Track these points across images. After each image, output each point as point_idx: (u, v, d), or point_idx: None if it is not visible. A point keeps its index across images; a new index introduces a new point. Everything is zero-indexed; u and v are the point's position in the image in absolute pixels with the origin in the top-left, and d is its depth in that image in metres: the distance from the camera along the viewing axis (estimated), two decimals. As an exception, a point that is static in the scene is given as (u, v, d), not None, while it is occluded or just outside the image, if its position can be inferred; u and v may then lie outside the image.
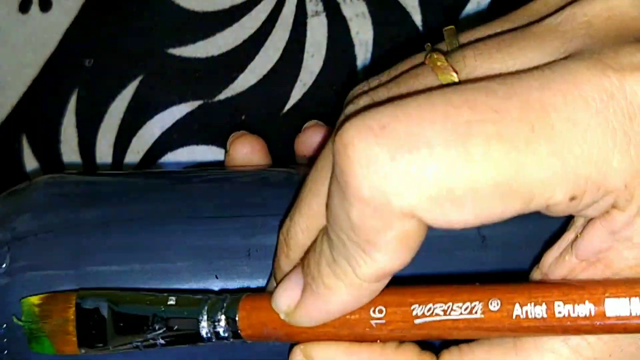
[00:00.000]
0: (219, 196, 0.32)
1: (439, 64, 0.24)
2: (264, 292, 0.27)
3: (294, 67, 0.44)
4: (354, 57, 0.43)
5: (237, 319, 0.26)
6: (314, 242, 0.25)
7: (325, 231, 0.24)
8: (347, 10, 0.43)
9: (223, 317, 0.26)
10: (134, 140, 0.46)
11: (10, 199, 0.32)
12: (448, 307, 0.23)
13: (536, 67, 0.22)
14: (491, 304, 0.23)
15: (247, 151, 0.36)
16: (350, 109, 0.25)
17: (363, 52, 0.43)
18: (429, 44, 0.26)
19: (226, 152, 0.37)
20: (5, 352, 0.29)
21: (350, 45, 0.43)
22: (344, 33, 0.43)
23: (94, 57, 0.47)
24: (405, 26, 0.42)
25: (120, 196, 0.32)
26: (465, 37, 0.26)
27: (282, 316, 0.25)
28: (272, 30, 0.44)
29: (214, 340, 0.26)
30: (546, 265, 0.25)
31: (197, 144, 0.46)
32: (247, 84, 0.45)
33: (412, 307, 0.23)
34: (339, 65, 0.43)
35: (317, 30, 0.43)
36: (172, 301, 0.27)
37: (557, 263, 0.24)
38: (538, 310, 0.22)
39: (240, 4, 0.44)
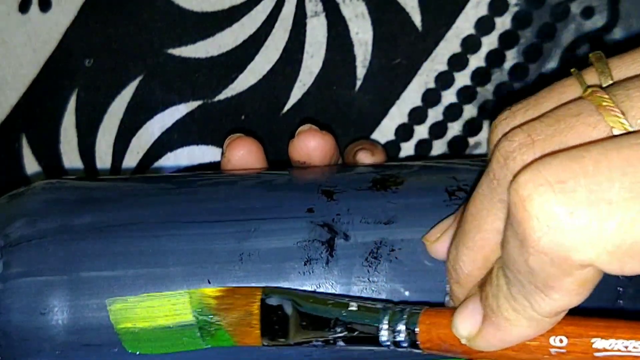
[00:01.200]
0: (211, 201, 0.32)
1: (604, 104, 0.24)
2: (442, 309, 0.28)
3: (293, 68, 0.44)
4: (353, 57, 0.43)
5: (416, 331, 0.27)
6: (490, 273, 0.26)
7: (501, 267, 0.25)
8: (346, 11, 0.43)
9: (403, 327, 0.27)
10: (134, 141, 0.46)
11: (4, 205, 0.32)
12: (630, 344, 0.24)
13: None
14: None
15: (243, 153, 0.36)
16: (506, 147, 0.25)
17: (362, 52, 0.43)
18: (575, 69, 0.26)
19: (222, 154, 0.37)
20: (0, 358, 0.29)
21: (350, 45, 0.43)
22: (343, 33, 0.43)
23: (94, 57, 0.47)
24: (404, 26, 0.42)
25: (113, 202, 0.32)
26: (614, 65, 0.26)
27: (462, 341, 0.26)
28: (272, 30, 0.44)
29: (391, 347, 0.28)
30: None
31: (197, 144, 0.46)
32: (246, 84, 0.45)
33: (592, 340, 0.24)
34: (339, 65, 0.43)
35: (317, 31, 0.43)
36: (353, 307, 0.28)
37: None
38: None
39: (239, 4, 0.44)
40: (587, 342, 0.24)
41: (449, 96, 0.42)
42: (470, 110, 0.42)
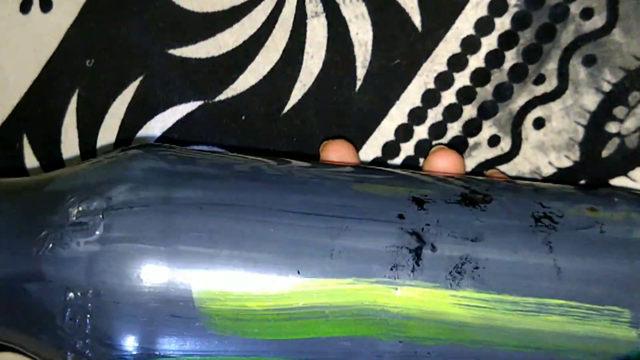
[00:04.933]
0: (311, 193, 0.32)
1: None
2: None
3: (293, 68, 0.44)
4: (353, 58, 0.43)
5: None
6: None
7: None
8: (346, 11, 0.43)
9: None
10: (135, 141, 0.46)
11: (107, 167, 0.32)
12: None
13: None
14: None
15: (338, 157, 0.37)
16: None
17: (362, 53, 0.43)
18: None
19: (319, 155, 0.38)
20: (89, 316, 0.30)
21: (350, 45, 0.43)
22: (343, 34, 0.43)
23: (95, 58, 0.47)
24: (404, 27, 0.43)
25: (216, 180, 0.32)
26: None
27: None
28: (272, 31, 0.44)
29: None
30: None
31: (197, 144, 0.46)
32: (247, 84, 0.45)
33: None
34: (339, 66, 0.44)
35: (317, 31, 0.44)
36: None
37: None
38: None
39: (240, 4, 0.44)
40: None
41: (448, 96, 0.43)
42: (469, 111, 0.42)
